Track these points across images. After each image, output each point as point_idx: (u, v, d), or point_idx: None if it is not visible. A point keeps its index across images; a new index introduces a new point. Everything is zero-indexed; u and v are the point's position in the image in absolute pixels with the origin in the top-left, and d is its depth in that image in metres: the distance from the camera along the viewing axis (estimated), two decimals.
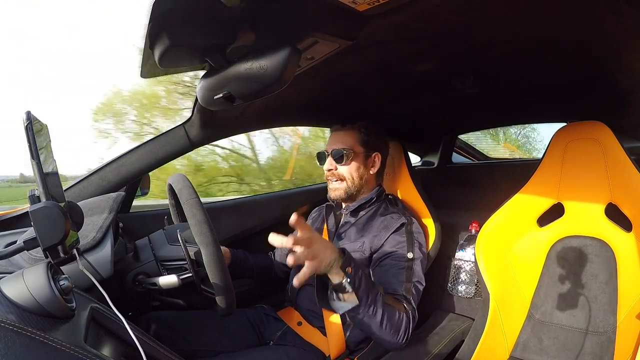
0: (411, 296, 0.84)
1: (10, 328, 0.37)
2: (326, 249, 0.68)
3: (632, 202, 0.82)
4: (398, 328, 0.77)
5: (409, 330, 0.79)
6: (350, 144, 0.99)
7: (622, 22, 0.58)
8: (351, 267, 0.70)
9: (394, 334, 0.76)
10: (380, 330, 0.74)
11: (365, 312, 0.72)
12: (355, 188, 1.00)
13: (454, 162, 1.63)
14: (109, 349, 0.49)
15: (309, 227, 0.66)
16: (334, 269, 0.69)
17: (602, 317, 0.82)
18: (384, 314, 0.74)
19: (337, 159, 0.98)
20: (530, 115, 1.30)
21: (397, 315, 0.77)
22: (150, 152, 0.97)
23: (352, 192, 1.00)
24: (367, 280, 0.73)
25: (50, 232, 0.45)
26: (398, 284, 0.84)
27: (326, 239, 0.78)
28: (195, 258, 0.76)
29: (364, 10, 0.49)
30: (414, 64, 0.81)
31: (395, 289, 0.84)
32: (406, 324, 0.78)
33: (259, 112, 1.04)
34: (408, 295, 0.83)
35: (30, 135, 0.45)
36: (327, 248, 0.68)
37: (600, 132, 0.85)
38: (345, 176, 0.99)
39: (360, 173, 0.99)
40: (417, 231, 0.94)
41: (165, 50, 0.49)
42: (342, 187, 0.99)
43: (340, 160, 0.98)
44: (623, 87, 0.87)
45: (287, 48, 0.48)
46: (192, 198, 0.68)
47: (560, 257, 0.90)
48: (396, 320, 0.76)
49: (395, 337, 0.77)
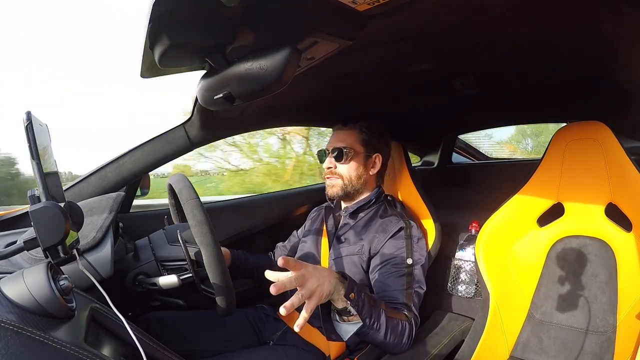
0: (412, 303, 0.84)
1: (10, 328, 0.37)
2: (324, 281, 0.65)
3: (632, 202, 0.81)
4: (402, 337, 0.78)
5: (412, 336, 0.81)
6: (350, 143, 0.99)
7: (622, 22, 0.58)
8: (354, 293, 0.69)
9: (398, 343, 0.78)
10: (384, 341, 0.76)
11: (369, 329, 0.73)
12: (353, 187, 0.99)
13: (454, 162, 1.63)
14: (109, 349, 0.49)
15: (300, 264, 0.64)
16: (336, 295, 0.68)
17: (602, 317, 0.82)
18: (387, 327, 0.75)
19: (336, 157, 0.98)
20: (530, 115, 1.30)
21: (399, 326, 0.78)
22: (150, 152, 0.97)
23: (349, 191, 1.00)
24: (369, 301, 0.73)
25: (50, 232, 0.45)
26: (398, 292, 0.84)
27: (325, 267, 0.78)
28: (196, 258, 0.76)
29: (364, 10, 0.49)
30: (414, 64, 0.81)
31: (395, 297, 0.84)
32: (409, 331, 0.80)
33: (259, 112, 1.04)
34: (409, 302, 0.84)
35: (31, 135, 0.45)
36: (325, 278, 0.66)
37: (600, 132, 0.85)
38: (344, 175, 0.99)
39: (359, 173, 0.99)
40: (417, 235, 0.93)
41: (165, 50, 0.49)
42: (338, 185, 0.99)
43: (340, 159, 0.98)
44: (623, 87, 0.87)
45: (287, 48, 0.48)
46: (192, 198, 0.68)
47: (560, 257, 0.90)
48: (399, 331, 0.77)
49: (399, 345, 0.78)
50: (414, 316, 0.82)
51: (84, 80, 20.74)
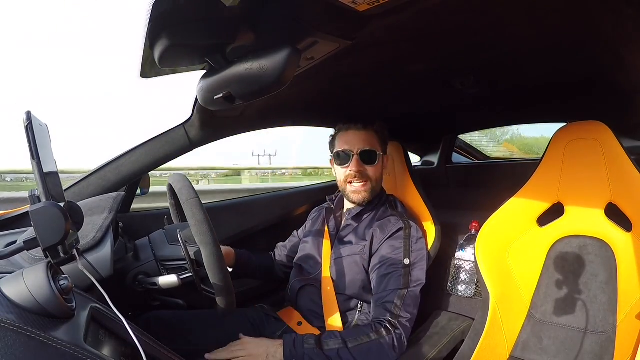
0: (402, 305, 0.83)
1: (10, 328, 0.37)
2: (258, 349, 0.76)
3: (632, 202, 0.81)
4: (384, 352, 0.77)
5: (403, 340, 0.80)
6: (374, 144, 0.97)
7: (622, 22, 0.58)
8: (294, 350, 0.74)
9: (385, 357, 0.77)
10: None
11: None
12: (377, 191, 0.99)
13: (454, 162, 1.63)
14: (109, 349, 0.49)
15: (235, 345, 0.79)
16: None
17: (602, 317, 0.82)
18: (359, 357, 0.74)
19: (365, 160, 0.96)
20: (530, 115, 1.29)
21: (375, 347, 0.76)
22: (150, 152, 0.97)
23: (376, 194, 0.99)
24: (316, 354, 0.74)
25: (50, 232, 0.45)
26: (393, 292, 0.84)
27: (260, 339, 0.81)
28: (195, 258, 0.76)
29: (364, 10, 0.49)
30: (414, 64, 0.81)
31: (385, 298, 0.83)
32: (394, 340, 0.78)
33: (259, 112, 1.04)
34: (396, 310, 0.82)
35: (30, 135, 0.45)
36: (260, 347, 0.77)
37: (600, 132, 0.85)
38: (373, 178, 0.97)
39: (381, 175, 1.00)
40: (415, 235, 0.93)
41: (165, 50, 0.49)
42: (367, 189, 0.97)
43: (370, 162, 0.96)
44: (623, 87, 0.87)
45: (287, 48, 0.48)
46: (192, 198, 0.68)
47: (560, 257, 0.90)
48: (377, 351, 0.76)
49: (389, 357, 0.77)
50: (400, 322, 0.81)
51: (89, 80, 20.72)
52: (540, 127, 2.73)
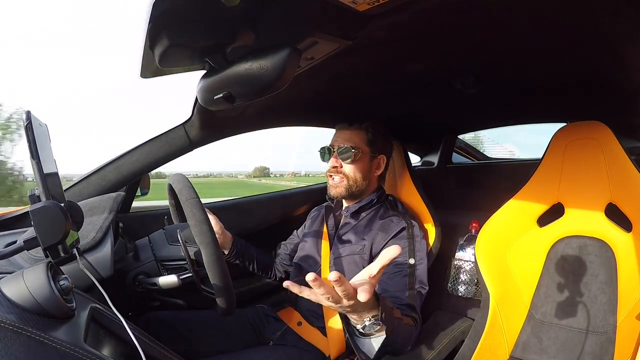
0: (415, 303, 0.83)
1: (10, 328, 0.37)
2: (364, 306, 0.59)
3: (632, 202, 0.81)
4: (409, 341, 0.77)
5: (415, 337, 0.80)
6: (357, 142, 0.98)
7: (622, 22, 0.58)
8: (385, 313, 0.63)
9: (404, 346, 0.76)
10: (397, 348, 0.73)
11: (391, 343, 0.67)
12: (357, 188, 0.99)
13: (454, 162, 1.63)
14: (108, 349, 0.49)
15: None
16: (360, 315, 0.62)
17: (602, 317, 0.82)
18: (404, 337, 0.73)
19: (342, 156, 0.97)
20: (530, 115, 1.29)
21: (409, 333, 0.76)
22: (150, 152, 0.97)
23: (352, 191, 0.99)
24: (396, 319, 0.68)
25: (50, 231, 0.45)
26: (401, 292, 0.83)
27: None
28: (195, 258, 0.76)
29: (364, 10, 0.49)
30: (414, 64, 0.81)
31: (398, 297, 0.83)
32: (415, 334, 0.78)
33: (259, 112, 1.04)
34: (412, 302, 0.82)
35: (30, 135, 0.45)
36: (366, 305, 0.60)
37: (600, 132, 0.85)
38: (349, 175, 0.98)
39: (364, 174, 0.99)
40: (418, 234, 0.93)
41: (165, 50, 0.49)
42: (343, 185, 0.98)
43: (346, 158, 0.97)
44: (623, 87, 0.87)
45: (287, 48, 0.48)
46: (192, 198, 0.68)
47: (560, 257, 0.90)
48: (408, 337, 0.76)
49: (405, 347, 0.76)
50: (419, 317, 0.82)
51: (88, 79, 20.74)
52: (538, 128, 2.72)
